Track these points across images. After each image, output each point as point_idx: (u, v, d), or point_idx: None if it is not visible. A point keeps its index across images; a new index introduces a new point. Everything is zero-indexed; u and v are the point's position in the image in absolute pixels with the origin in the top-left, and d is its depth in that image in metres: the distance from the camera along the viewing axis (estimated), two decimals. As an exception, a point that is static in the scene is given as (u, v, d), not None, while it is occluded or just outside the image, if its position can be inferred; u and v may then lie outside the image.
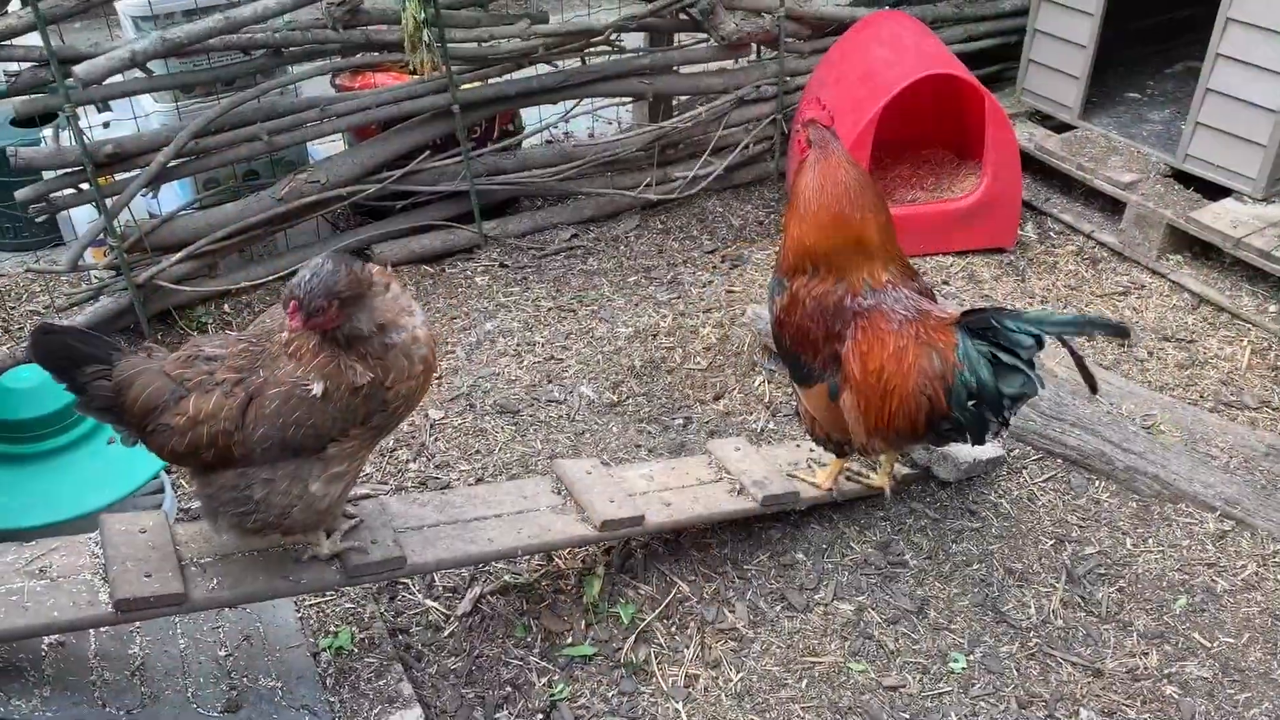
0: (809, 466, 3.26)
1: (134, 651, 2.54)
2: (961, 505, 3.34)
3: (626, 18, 4.74)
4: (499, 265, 4.74)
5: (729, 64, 5.18)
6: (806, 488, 3.16)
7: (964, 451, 3.37)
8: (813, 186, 2.82)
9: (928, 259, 4.67)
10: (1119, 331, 2.67)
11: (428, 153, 4.60)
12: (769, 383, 3.90)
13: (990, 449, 3.43)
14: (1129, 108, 5.34)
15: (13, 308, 4.49)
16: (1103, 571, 3.11)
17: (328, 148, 5.05)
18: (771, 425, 3.72)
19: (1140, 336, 4.19)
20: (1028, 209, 4.99)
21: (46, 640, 2.43)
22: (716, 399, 3.87)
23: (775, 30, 5.00)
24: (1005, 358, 2.61)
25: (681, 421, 3.77)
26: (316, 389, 2.18)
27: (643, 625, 2.94)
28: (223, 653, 2.64)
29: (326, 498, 2.32)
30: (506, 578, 3.09)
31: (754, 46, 5.22)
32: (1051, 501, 3.36)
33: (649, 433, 3.72)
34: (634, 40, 5.36)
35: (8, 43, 3.67)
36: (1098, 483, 3.42)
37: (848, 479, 3.24)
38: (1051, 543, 3.21)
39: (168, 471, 3.24)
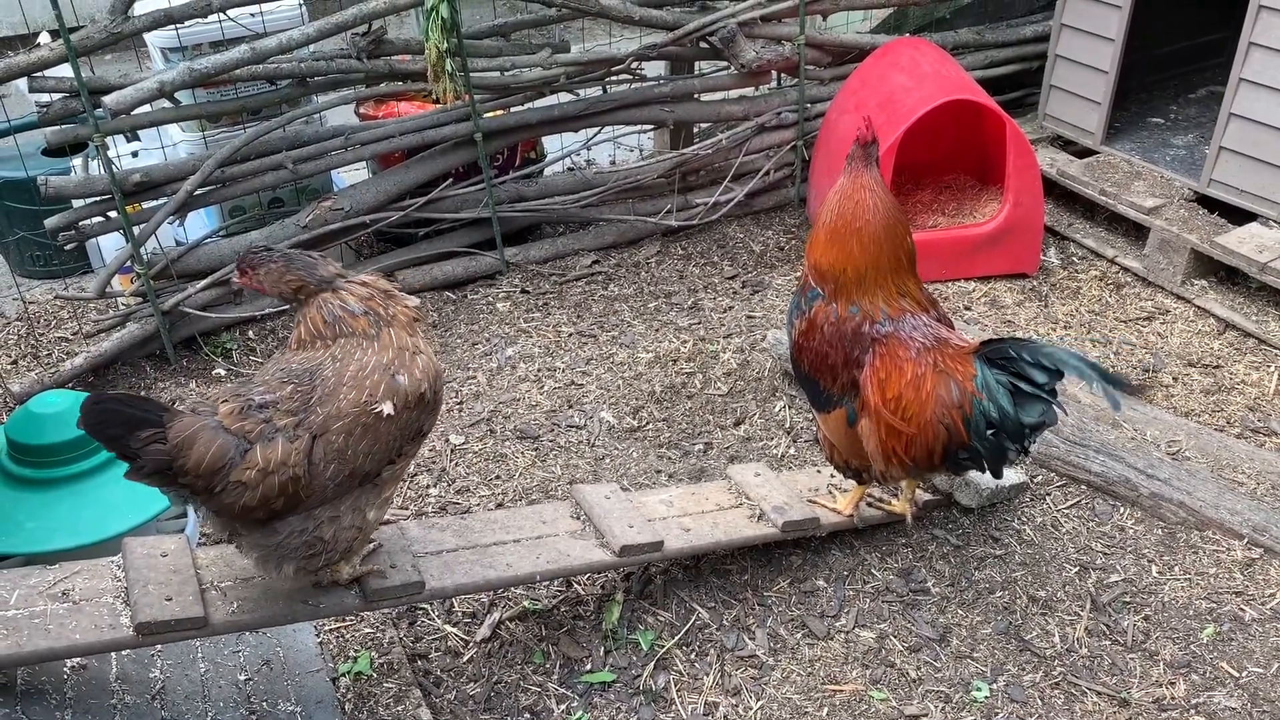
0: (830, 492, 3.25)
1: (155, 675, 2.55)
2: (984, 532, 3.31)
3: (647, 46, 4.78)
4: (520, 291, 4.76)
5: (750, 91, 5.21)
6: (828, 514, 3.15)
7: (986, 478, 3.33)
8: (836, 210, 2.83)
9: (950, 284, 4.66)
10: (1134, 391, 2.66)
11: (450, 180, 4.65)
12: (790, 408, 3.89)
13: (1013, 475, 3.40)
14: (1152, 133, 5.32)
15: (41, 334, 4.55)
16: (1128, 599, 3.07)
17: (351, 176, 5.11)
18: (792, 451, 3.71)
19: (1165, 362, 4.16)
20: (1050, 234, 4.97)
21: (69, 663, 2.45)
22: (737, 424, 3.86)
23: (795, 58, 5.02)
24: (1025, 387, 2.60)
25: (702, 447, 3.76)
26: (387, 408, 2.23)
27: (662, 652, 2.93)
28: (243, 677, 2.65)
29: (376, 523, 2.39)
30: (525, 603, 3.08)
31: (775, 74, 5.24)
32: (1075, 528, 3.32)
33: (669, 458, 3.71)
34: (655, 68, 5.40)
35: (40, 74, 3.74)
36: (1122, 509, 3.38)
37: (869, 505, 3.22)
38: (1076, 570, 3.17)
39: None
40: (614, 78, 4.86)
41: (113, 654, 2.53)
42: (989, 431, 2.63)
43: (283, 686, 2.66)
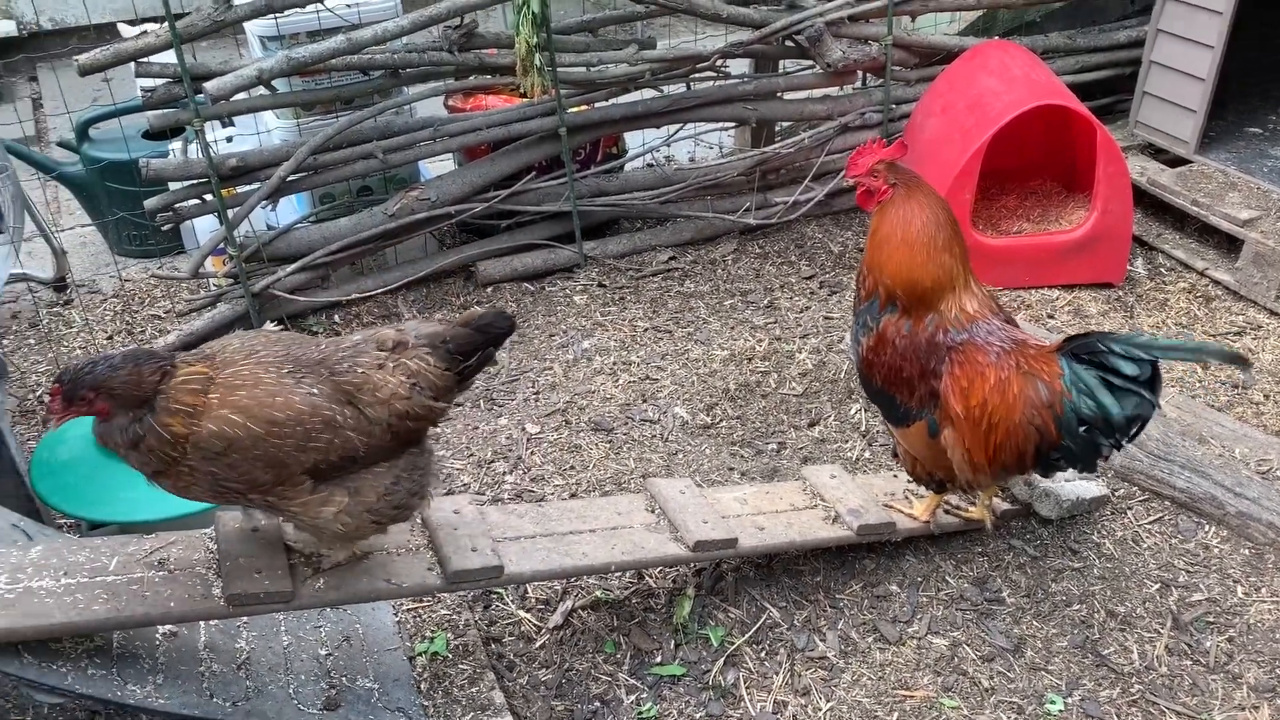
0: (906, 497, 3.23)
1: (240, 646, 2.63)
2: (1062, 544, 3.26)
3: (733, 44, 4.78)
4: (597, 285, 4.80)
5: (834, 91, 5.18)
6: (903, 519, 3.13)
7: (1066, 489, 3.30)
8: (908, 223, 2.81)
9: (1032, 292, 4.59)
10: (1236, 360, 2.59)
11: (533, 174, 4.70)
12: (865, 411, 3.87)
13: (1094, 487, 3.35)
14: (1249, 143, 5.17)
15: (136, 311, 4.70)
16: (1211, 619, 3.00)
17: (437, 167, 5.19)
18: (867, 454, 3.69)
19: (1256, 379, 4.05)
20: (1138, 244, 4.87)
21: (160, 630, 2.53)
22: (811, 425, 3.85)
23: (882, 58, 4.98)
24: (1116, 380, 2.57)
25: (775, 446, 3.76)
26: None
27: (732, 649, 2.94)
28: (323, 652, 2.72)
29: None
30: (598, 593, 3.12)
31: (860, 74, 5.21)
32: (1157, 544, 3.26)
33: (742, 456, 3.72)
34: (739, 66, 5.40)
35: (146, 60, 3.87)
36: (1207, 527, 3.31)
37: (945, 512, 3.20)
38: (1157, 587, 3.11)
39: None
40: (698, 75, 4.87)
41: (201, 623, 2.61)
42: (1082, 429, 2.61)
43: (361, 663, 2.72)
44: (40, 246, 4.88)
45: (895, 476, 3.39)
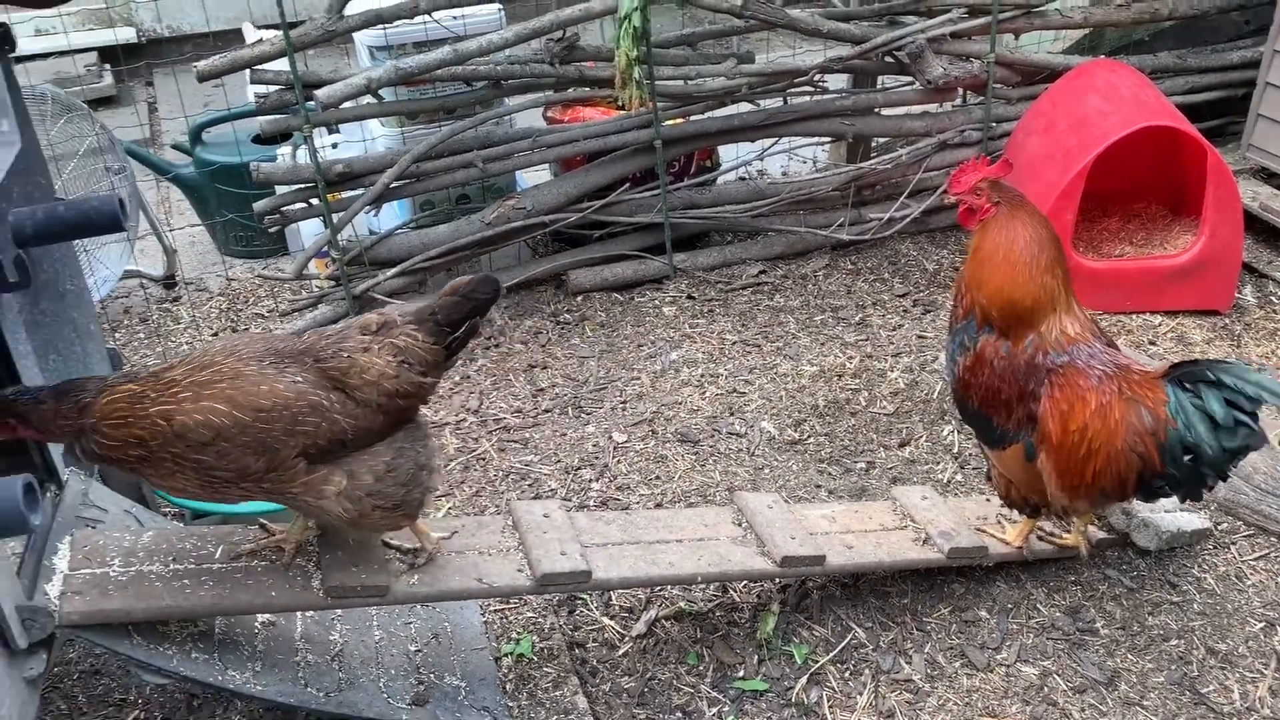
0: (999, 522, 3.17)
1: (334, 638, 2.70)
2: (1161, 576, 3.17)
3: (832, 59, 4.76)
4: (686, 297, 4.82)
5: (933, 108, 5.13)
6: (995, 544, 3.08)
7: (1166, 520, 3.21)
8: (1010, 242, 2.77)
9: (1133, 317, 4.47)
10: None
11: (627, 185, 4.74)
12: (958, 433, 3.81)
13: (1195, 519, 3.25)
14: (1369, 168, 4.97)
15: (240, 309, 4.87)
16: (1319, 663, 2.89)
17: (533, 177, 5.27)
18: (959, 477, 3.64)
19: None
20: (1247, 271, 4.71)
21: (260, 619, 2.62)
22: (902, 445, 3.81)
23: (984, 75, 4.92)
24: (1223, 410, 2.49)
25: (864, 465, 3.73)
26: None
27: (815, 667, 2.92)
28: (413, 648, 2.78)
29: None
30: (682, 604, 3.12)
31: (960, 91, 5.15)
32: (1263, 581, 3.15)
33: (830, 474, 3.69)
34: (836, 81, 5.38)
35: (260, 67, 4.01)
36: (1317, 567, 3.18)
37: (1039, 538, 3.13)
38: (1261, 625, 3.00)
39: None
40: (796, 89, 4.86)
41: (298, 614, 2.69)
42: (1186, 458, 2.54)
43: (449, 660, 2.77)
44: (152, 245, 5.08)
45: (988, 500, 3.33)
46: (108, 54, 7.86)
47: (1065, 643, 2.98)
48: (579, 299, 4.84)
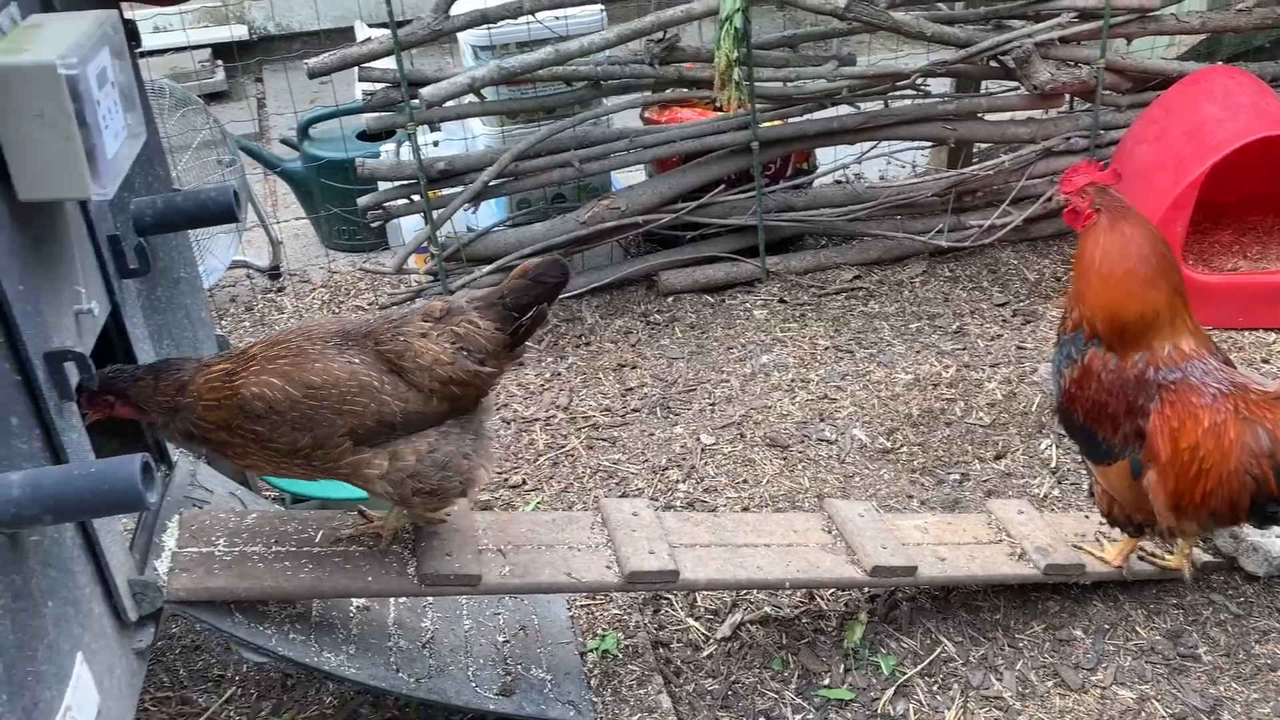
0: (1098, 540, 3.08)
1: (425, 625, 2.75)
2: (1270, 603, 3.04)
3: (936, 63, 4.69)
4: (778, 300, 4.79)
5: (1038, 113, 5.01)
6: (1094, 562, 2.99)
7: (1277, 545, 3.08)
8: (1111, 252, 2.69)
9: (1246, 334, 4.30)
10: None
11: (722, 186, 4.74)
12: (1056, 447, 3.72)
13: (1310, 547, 3.11)
14: None
15: (342, 301, 4.99)
16: None
17: (627, 177, 5.30)
18: (1056, 492, 3.54)
19: None
20: (1371, 288, 4.49)
21: (355, 603, 2.68)
22: (997, 458, 3.72)
23: (1093, 81, 4.79)
24: None
25: (957, 477, 3.66)
26: None
27: (903, 679, 2.87)
28: (501, 639, 2.81)
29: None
30: (767, 609, 3.11)
31: (1067, 97, 5.02)
32: (1381, 615, 3.00)
33: (922, 484, 3.63)
34: (939, 85, 5.29)
35: (368, 65, 4.11)
36: None
37: (1140, 558, 3.04)
38: (1378, 661, 2.86)
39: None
40: (897, 93, 4.80)
41: (391, 600, 2.75)
42: None
43: (536, 653, 2.80)
44: (259, 236, 5.24)
45: (1086, 518, 3.24)
46: (220, 50, 8.14)
47: (1165, 667, 2.88)
48: (670, 300, 4.84)
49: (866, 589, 3.09)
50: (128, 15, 2.54)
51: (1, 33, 1.88)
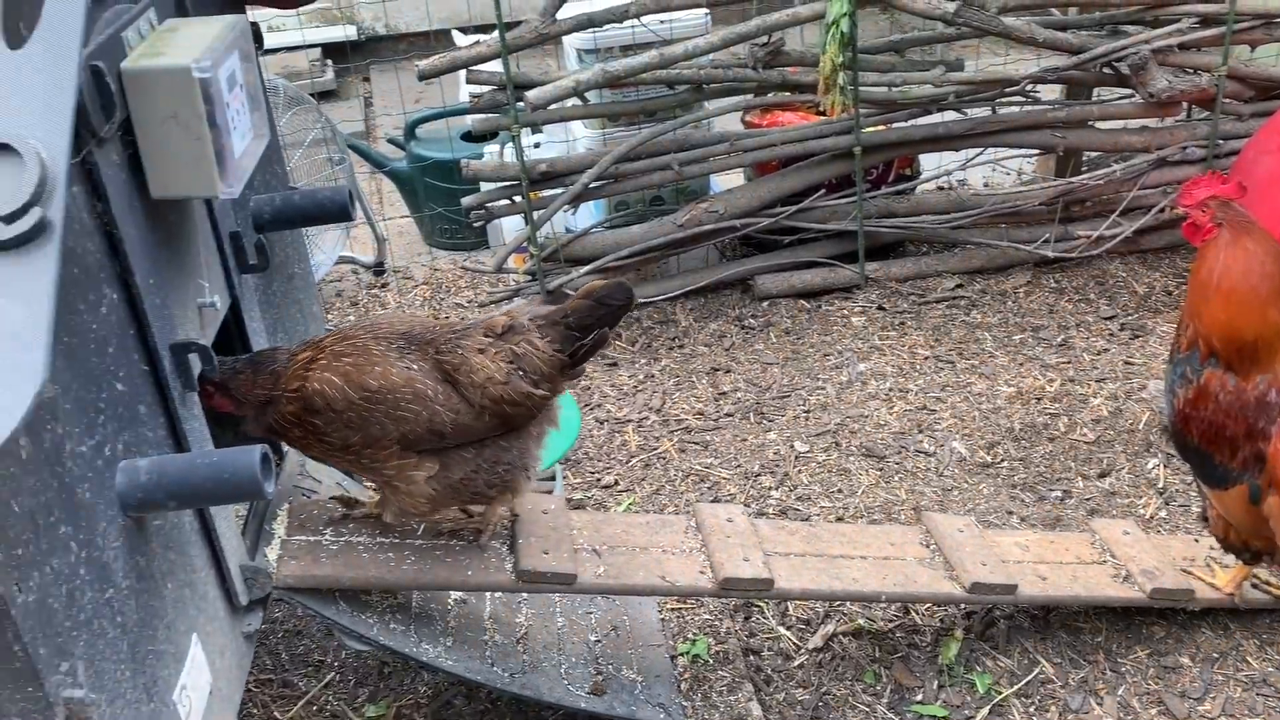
0: (1208, 565, 2.98)
1: (520, 621, 2.79)
2: (1395, 641, 2.90)
3: (1047, 69, 4.58)
4: (877, 308, 4.73)
5: (1153, 122, 4.86)
6: (1203, 587, 2.89)
7: (1405, 580, 2.93)
8: (1232, 269, 2.58)
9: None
10: None
11: (823, 191, 4.70)
12: (1165, 467, 3.60)
13: None
14: None
15: (442, 298, 5.09)
16: None
17: (726, 180, 5.29)
18: (1163, 514, 3.43)
19: None
20: None
21: (453, 596, 2.73)
22: (1101, 476, 3.62)
23: (1213, 89, 4.62)
24: None
25: (1059, 494, 3.57)
26: None
27: (999, 698, 2.82)
28: (593, 638, 2.84)
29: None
30: (861, 621, 3.07)
31: (1184, 105, 4.85)
32: None
33: (1022, 500, 3.55)
34: (1049, 91, 5.17)
35: (476, 68, 4.18)
36: None
37: (1253, 586, 2.92)
38: None
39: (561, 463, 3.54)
40: (1006, 99, 4.70)
41: (487, 595, 2.79)
42: None
43: (627, 654, 2.82)
44: (365, 233, 5.38)
45: (1196, 541, 3.13)
46: (330, 50, 8.37)
47: (1279, 700, 2.76)
48: (765, 304, 4.82)
49: (963, 605, 3.04)
50: (249, 17, 2.63)
51: (140, 37, 1.96)
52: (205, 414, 2.21)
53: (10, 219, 1.33)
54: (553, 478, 3.44)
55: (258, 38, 2.70)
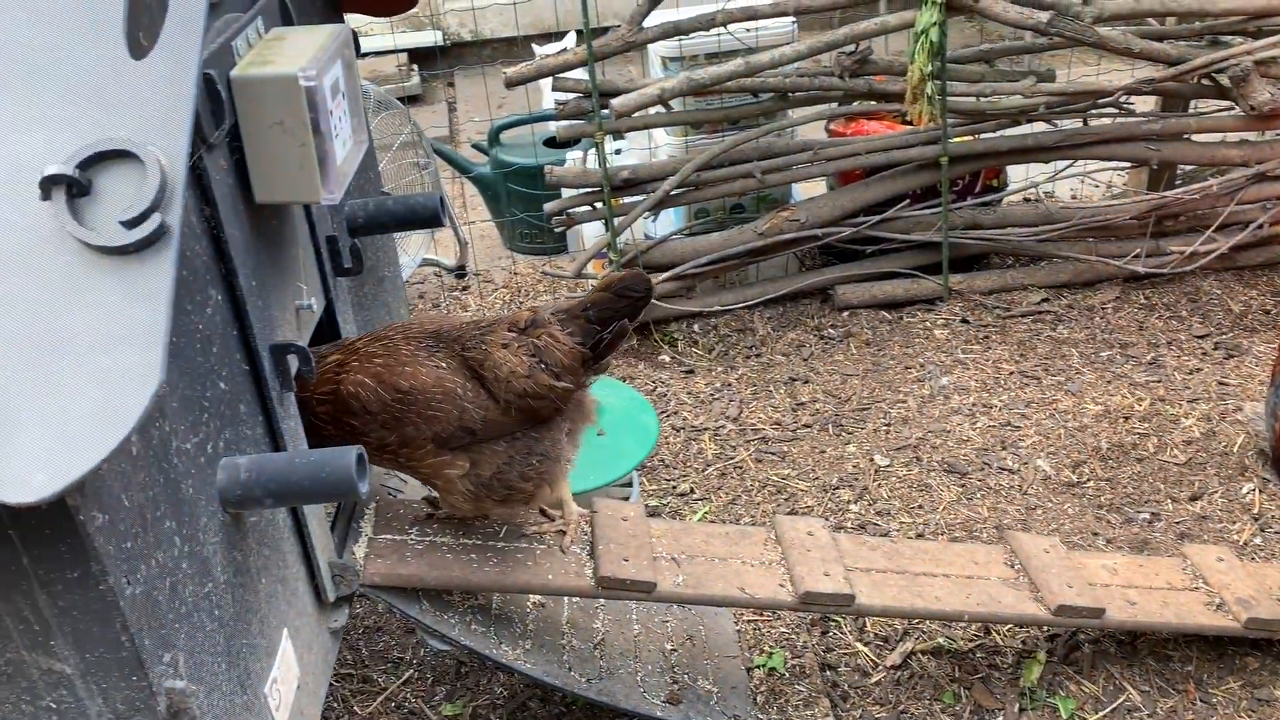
0: (1308, 596, 2.87)
1: (597, 626, 2.80)
2: None
3: (1141, 80, 4.47)
4: (960, 320, 4.66)
5: (1253, 135, 4.70)
6: (1303, 619, 2.79)
7: None
8: None
9: None
10: None
11: (907, 201, 4.64)
12: (1260, 493, 3.48)
13: None
14: None
15: (522, 301, 5.14)
16: None
17: (808, 189, 5.26)
18: (1258, 540, 3.32)
19: None
20: None
21: (531, 599, 2.75)
22: (1193, 500, 3.52)
23: (1318, 102, 4.46)
24: None
25: (1148, 517, 3.47)
26: None
27: (1083, 725, 2.75)
28: (669, 647, 2.84)
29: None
30: (940, 639, 3.03)
31: (1287, 118, 4.69)
32: None
33: (1109, 522, 3.47)
34: (1143, 103, 5.04)
35: (563, 75, 4.22)
36: None
37: (1356, 620, 2.81)
38: None
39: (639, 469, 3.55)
40: (1098, 110, 4.60)
41: (565, 599, 2.81)
42: None
43: (702, 665, 2.82)
44: (447, 236, 5.45)
45: (1294, 571, 3.03)
46: (416, 55, 8.51)
47: (1381, 741, 2.66)
48: (845, 314, 4.78)
49: (1046, 627, 2.97)
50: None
51: (248, 45, 2.02)
52: None
53: (132, 224, 1.38)
54: (629, 484, 3.45)
55: (356, 44, 2.75)
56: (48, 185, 1.42)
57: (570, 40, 6.17)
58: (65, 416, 1.31)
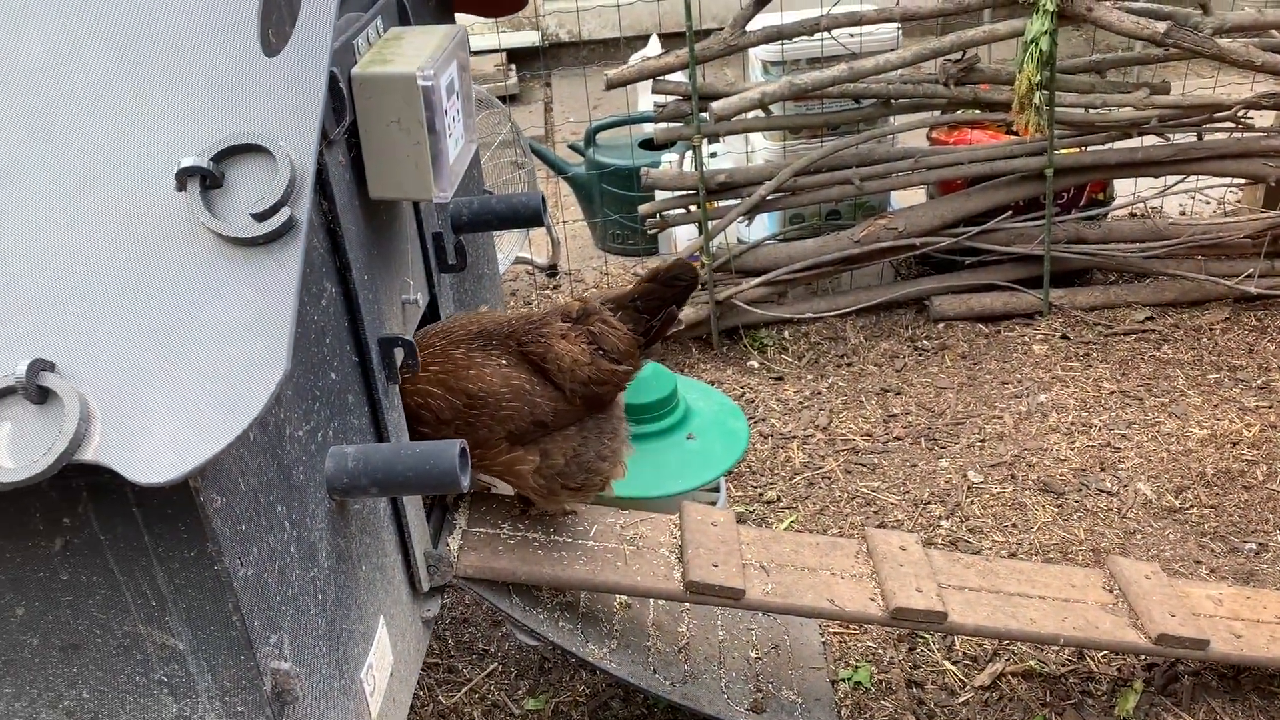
0: None
1: (682, 630, 2.80)
2: None
3: (1263, 94, 4.31)
4: (1060, 337, 4.54)
5: (1382, 154, 4.50)
6: None
7: None
8: None
9: None
10: None
11: (1008, 213, 4.55)
12: (1379, 527, 3.33)
13: None
14: None
15: (611, 303, 5.17)
16: None
17: (905, 197, 5.18)
18: (1375, 577, 3.18)
19: None
20: None
21: (618, 599, 2.76)
22: (1304, 531, 3.38)
23: None
24: None
25: (1255, 547, 3.35)
26: None
27: (1181, 759, 2.67)
28: (753, 654, 2.82)
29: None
30: (1032, 662, 2.96)
31: None
32: None
33: (1212, 550, 3.35)
34: (1262, 117, 4.86)
35: (663, 77, 4.23)
36: None
37: None
38: None
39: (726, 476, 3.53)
40: (1214, 125, 4.44)
41: (651, 601, 2.82)
42: None
43: (786, 674, 2.79)
44: (540, 234, 5.49)
45: None
46: (514, 55, 8.61)
47: None
48: (940, 326, 4.70)
49: (1144, 656, 2.88)
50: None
51: (368, 44, 2.06)
52: None
53: (263, 217, 1.42)
54: (716, 489, 3.44)
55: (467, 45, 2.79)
56: (183, 177, 1.47)
57: (654, 45, 6.18)
58: (193, 402, 1.36)
